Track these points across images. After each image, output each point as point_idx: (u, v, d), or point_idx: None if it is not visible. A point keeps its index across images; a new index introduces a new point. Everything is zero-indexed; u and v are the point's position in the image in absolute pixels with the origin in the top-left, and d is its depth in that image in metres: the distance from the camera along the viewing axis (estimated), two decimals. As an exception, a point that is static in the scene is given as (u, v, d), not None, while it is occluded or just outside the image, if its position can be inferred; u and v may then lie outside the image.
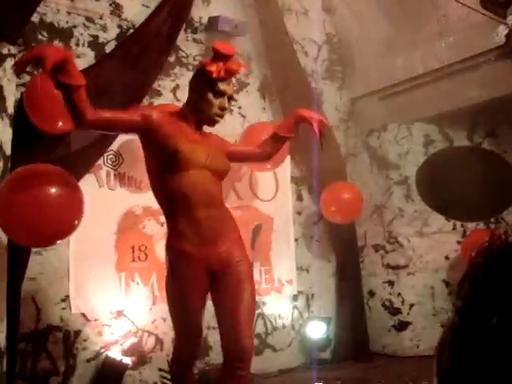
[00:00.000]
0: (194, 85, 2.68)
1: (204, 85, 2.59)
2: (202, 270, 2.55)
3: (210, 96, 2.58)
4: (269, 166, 4.60)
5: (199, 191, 2.52)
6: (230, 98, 2.67)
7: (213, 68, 2.51)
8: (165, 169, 2.55)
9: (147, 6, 4.54)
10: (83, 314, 4.06)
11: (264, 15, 5.14)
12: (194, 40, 4.91)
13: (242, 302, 2.56)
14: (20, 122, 3.59)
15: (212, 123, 2.69)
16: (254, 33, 5.14)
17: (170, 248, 2.62)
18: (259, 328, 4.94)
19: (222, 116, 2.66)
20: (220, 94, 2.58)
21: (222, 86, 2.57)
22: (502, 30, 4.25)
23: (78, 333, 4.02)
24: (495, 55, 4.49)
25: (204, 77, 2.58)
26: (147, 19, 4.39)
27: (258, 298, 4.95)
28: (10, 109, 3.50)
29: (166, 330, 4.37)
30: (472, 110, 5.17)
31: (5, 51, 3.42)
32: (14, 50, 3.53)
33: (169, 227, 2.64)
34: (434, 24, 4.98)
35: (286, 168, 5.33)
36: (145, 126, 2.52)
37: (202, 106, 2.61)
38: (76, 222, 3.25)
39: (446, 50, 4.90)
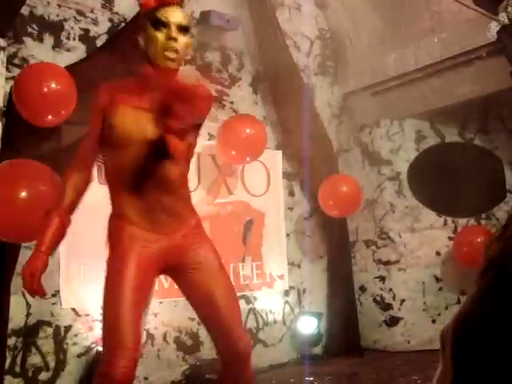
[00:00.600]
0: (141, 31, 2.20)
1: (146, 25, 2.16)
2: (148, 256, 2.15)
3: (152, 31, 2.12)
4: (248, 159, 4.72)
5: (146, 175, 2.13)
6: (184, 30, 2.15)
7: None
8: (106, 149, 2.22)
9: (139, 0, 4.51)
10: (74, 309, 4.05)
11: (256, 10, 5.12)
12: (186, 34, 4.88)
13: (220, 301, 2.23)
14: (10, 115, 3.56)
15: (164, 63, 2.12)
16: (246, 28, 5.12)
17: (110, 224, 2.28)
18: (250, 323, 4.94)
19: (172, 49, 2.11)
20: (161, 24, 2.11)
21: (159, 14, 2.11)
22: (494, 27, 4.26)
23: (68, 328, 4.00)
24: (487, 51, 4.50)
25: (143, 16, 2.21)
26: (139, 13, 4.36)
27: (249, 292, 4.97)
28: (0, 102, 3.47)
29: (157, 325, 4.37)
30: (464, 106, 5.18)
31: (-6, 44, 3.40)
32: (3, 42, 3.50)
33: (112, 207, 2.29)
34: (427, 20, 4.99)
35: (278, 163, 5.33)
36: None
37: (148, 49, 2.15)
38: None
39: (438, 46, 4.91)
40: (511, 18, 3.99)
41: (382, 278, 5.49)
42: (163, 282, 4.51)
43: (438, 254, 5.40)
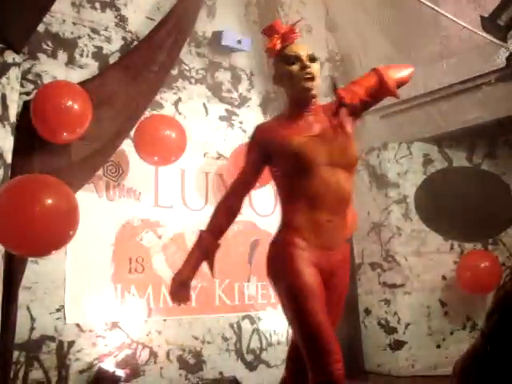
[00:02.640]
0: (275, 75, 2.46)
1: (279, 66, 2.40)
2: (315, 269, 2.23)
3: (286, 68, 2.34)
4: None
5: (328, 192, 2.26)
6: (313, 59, 2.36)
7: (269, 44, 2.41)
8: (290, 175, 2.34)
9: (152, 19, 4.58)
10: (78, 325, 4.04)
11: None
12: (198, 54, 4.95)
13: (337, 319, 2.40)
14: (22, 130, 3.60)
15: (308, 95, 2.34)
16: (257, 49, 5.17)
17: (280, 240, 2.37)
18: (254, 343, 4.92)
19: (310, 78, 2.31)
20: (294, 58, 2.33)
21: (288, 52, 2.35)
22: (503, 53, 4.29)
23: (71, 343, 3.99)
24: (496, 77, 4.53)
25: (274, 60, 2.44)
26: (151, 32, 4.43)
27: (253, 312, 4.96)
28: (13, 117, 3.52)
29: (161, 343, 4.35)
30: (472, 131, 5.19)
31: (9, 60, 3.45)
32: (18, 58, 3.56)
33: (284, 222, 2.42)
34: (436, 45, 5.02)
35: (285, 183, 5.33)
36: (266, 157, 2.37)
37: (290, 85, 2.37)
38: (71, 232, 3.25)
39: (446, 71, 4.93)
40: (520, 46, 4.02)
41: (387, 301, 5.46)
42: (168, 300, 4.51)
43: (443, 278, 5.38)
